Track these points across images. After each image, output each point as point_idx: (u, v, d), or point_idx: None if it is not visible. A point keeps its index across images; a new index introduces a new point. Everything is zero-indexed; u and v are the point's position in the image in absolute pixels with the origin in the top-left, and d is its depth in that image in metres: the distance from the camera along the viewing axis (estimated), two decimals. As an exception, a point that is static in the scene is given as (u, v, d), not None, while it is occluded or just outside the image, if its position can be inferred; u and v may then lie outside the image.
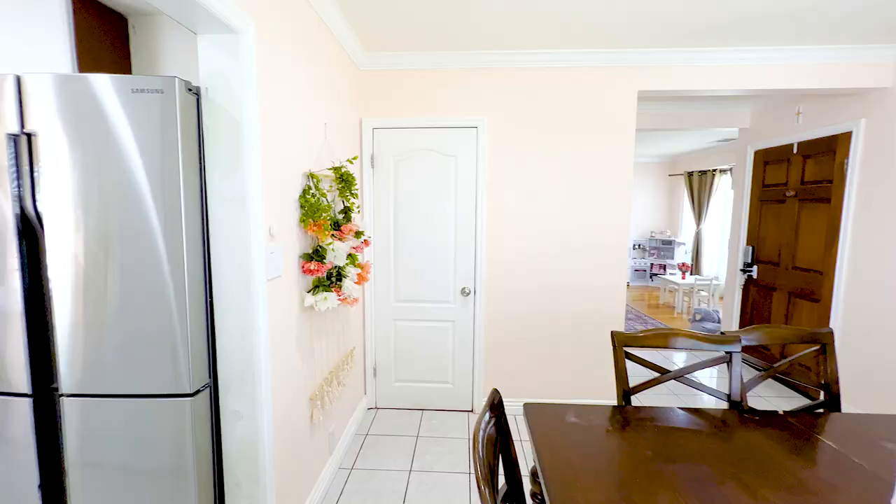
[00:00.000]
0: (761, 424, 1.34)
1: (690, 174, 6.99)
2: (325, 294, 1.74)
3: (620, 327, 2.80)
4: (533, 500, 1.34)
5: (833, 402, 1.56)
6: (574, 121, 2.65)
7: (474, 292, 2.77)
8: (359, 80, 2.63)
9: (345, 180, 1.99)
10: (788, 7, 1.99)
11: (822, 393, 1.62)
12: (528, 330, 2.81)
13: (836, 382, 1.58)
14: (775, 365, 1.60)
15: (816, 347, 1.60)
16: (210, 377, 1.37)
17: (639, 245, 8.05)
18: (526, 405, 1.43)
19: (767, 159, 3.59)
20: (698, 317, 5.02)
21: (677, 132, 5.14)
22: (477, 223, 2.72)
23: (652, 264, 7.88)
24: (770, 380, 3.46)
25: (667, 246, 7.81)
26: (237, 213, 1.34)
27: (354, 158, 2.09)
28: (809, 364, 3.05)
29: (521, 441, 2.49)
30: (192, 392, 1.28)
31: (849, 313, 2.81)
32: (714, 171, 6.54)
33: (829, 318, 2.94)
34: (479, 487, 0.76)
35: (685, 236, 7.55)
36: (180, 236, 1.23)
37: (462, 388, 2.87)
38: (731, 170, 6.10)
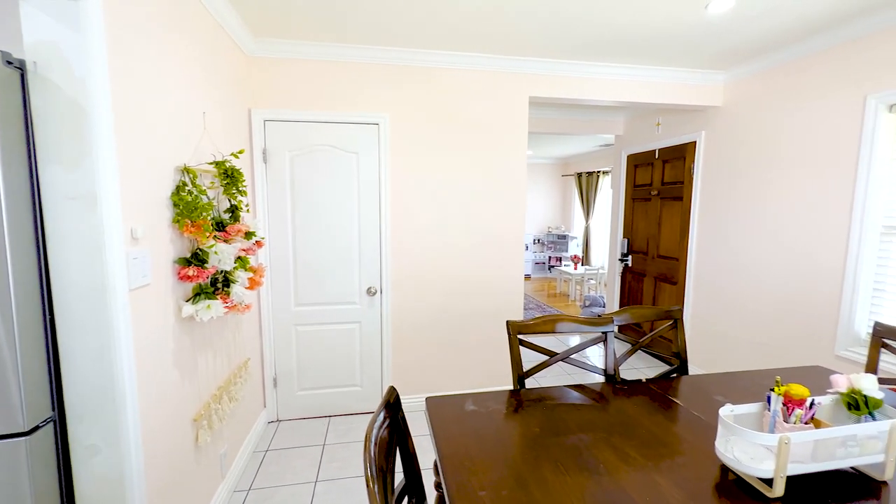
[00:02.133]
0: (629, 393, 1.54)
1: (580, 175, 7.76)
2: (209, 302, 1.57)
3: (520, 317, 3.01)
4: (436, 490, 1.37)
5: (683, 367, 1.86)
6: (473, 121, 2.76)
7: (381, 291, 2.74)
8: (247, 68, 2.42)
9: (230, 176, 1.81)
10: (643, 33, 2.31)
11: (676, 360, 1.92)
12: (435, 326, 2.87)
13: (685, 351, 1.88)
14: (640, 340, 1.85)
15: (670, 322, 1.89)
16: (54, 409, 1.15)
17: (538, 240, 8.71)
18: (428, 399, 1.46)
19: (637, 163, 4.14)
20: (587, 303, 5.61)
21: (567, 136, 5.67)
22: (381, 221, 2.69)
23: (550, 257, 8.60)
24: (642, 353, 4.01)
25: (562, 240, 8.59)
26: (85, 213, 1.14)
27: (241, 152, 1.92)
28: (670, 336, 3.59)
29: (431, 436, 2.53)
30: (27, 430, 1.07)
31: (697, 292, 3.37)
32: (599, 172, 7.35)
33: (684, 297, 3.50)
34: (367, 486, 0.75)
35: (577, 231, 8.37)
36: (2, 242, 1.00)
37: (371, 389, 2.82)
38: (611, 171, 6.92)
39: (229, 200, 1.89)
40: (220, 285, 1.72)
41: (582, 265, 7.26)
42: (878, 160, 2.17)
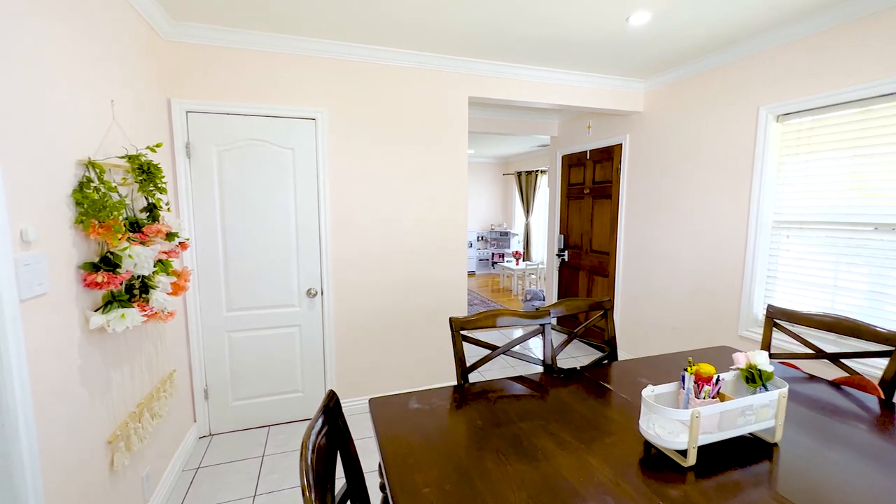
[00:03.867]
0: (565, 381, 1.63)
1: (520, 174, 8.04)
2: (123, 311, 1.42)
3: (464, 313, 3.06)
4: (381, 491, 1.35)
5: (613, 354, 2.00)
6: (414, 119, 2.75)
7: (321, 293, 2.65)
8: (164, 53, 2.21)
9: (146, 171, 1.65)
10: (574, 40, 2.44)
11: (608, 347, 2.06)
12: (379, 326, 2.83)
13: (615, 339, 2.03)
14: (575, 330, 1.96)
15: (601, 313, 2.02)
16: (-77, 443, 0.98)
17: (482, 237, 8.91)
18: (371, 400, 1.44)
19: (571, 163, 4.37)
20: (528, 296, 5.84)
21: (506, 136, 5.84)
22: (321, 220, 2.60)
23: (493, 254, 8.83)
24: (578, 342, 4.25)
25: (504, 237, 8.85)
26: (-40, 212, 0.98)
27: (158, 145, 1.76)
28: (602, 326, 3.85)
29: (375, 437, 2.50)
30: None
31: (625, 283, 3.64)
32: (537, 171, 7.66)
33: (614, 288, 3.76)
34: (303, 495, 0.72)
35: (518, 228, 8.67)
36: None
37: (313, 394, 2.72)
38: (548, 171, 7.24)
39: (146, 198, 1.72)
40: (137, 292, 1.56)
41: (523, 261, 7.54)
42: (768, 164, 2.48)
